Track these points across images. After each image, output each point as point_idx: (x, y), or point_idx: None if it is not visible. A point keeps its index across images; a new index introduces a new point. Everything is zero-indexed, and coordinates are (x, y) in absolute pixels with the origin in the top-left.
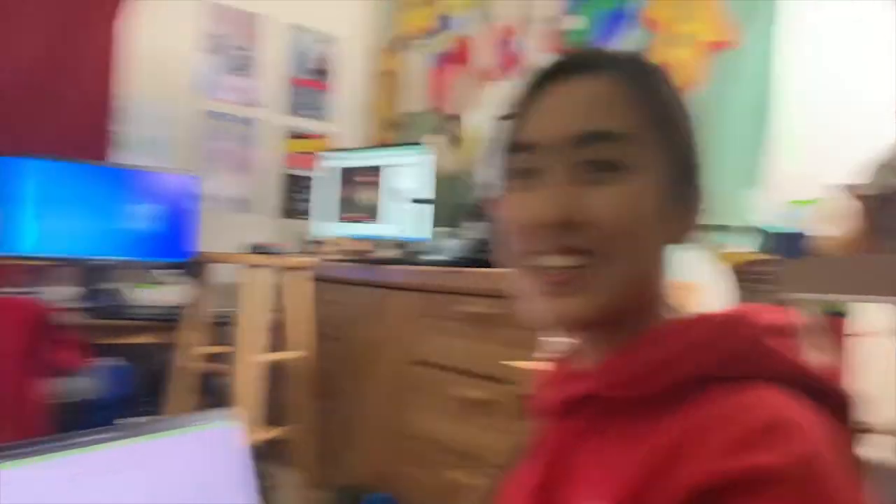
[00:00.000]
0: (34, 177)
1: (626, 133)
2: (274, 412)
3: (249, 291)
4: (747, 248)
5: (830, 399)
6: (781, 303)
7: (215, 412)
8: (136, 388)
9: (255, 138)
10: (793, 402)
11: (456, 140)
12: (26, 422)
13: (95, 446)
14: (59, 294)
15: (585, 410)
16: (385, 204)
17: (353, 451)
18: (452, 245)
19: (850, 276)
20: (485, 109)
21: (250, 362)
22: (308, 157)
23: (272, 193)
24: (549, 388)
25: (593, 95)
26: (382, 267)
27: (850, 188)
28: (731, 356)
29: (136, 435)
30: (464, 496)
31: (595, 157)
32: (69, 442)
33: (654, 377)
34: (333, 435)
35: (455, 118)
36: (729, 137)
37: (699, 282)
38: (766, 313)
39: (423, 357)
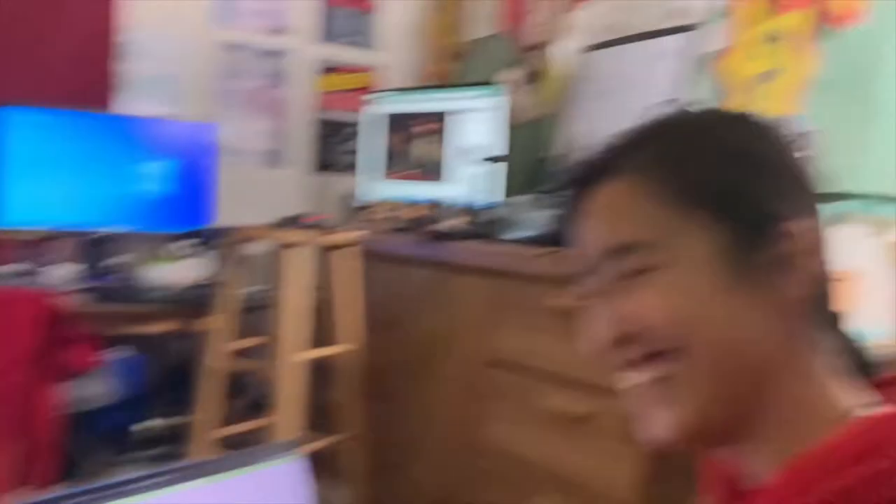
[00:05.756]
0: (20, 130)
1: (649, 238)
2: (319, 417)
3: (288, 274)
4: None
5: None
6: None
7: (278, 445)
8: (153, 386)
9: (283, 74)
10: None
11: (536, 77)
12: (38, 435)
13: (151, 492)
14: (57, 274)
15: None
16: (446, 159)
17: (415, 465)
18: (535, 217)
19: None
20: (575, 38)
21: (293, 360)
22: (348, 96)
23: (305, 143)
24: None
25: (611, 205)
26: (447, 242)
27: None
28: None
29: (194, 477)
30: None
31: (628, 267)
32: (122, 489)
33: None
34: (391, 446)
35: (535, 49)
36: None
37: (859, 270)
38: None
39: (501, 356)
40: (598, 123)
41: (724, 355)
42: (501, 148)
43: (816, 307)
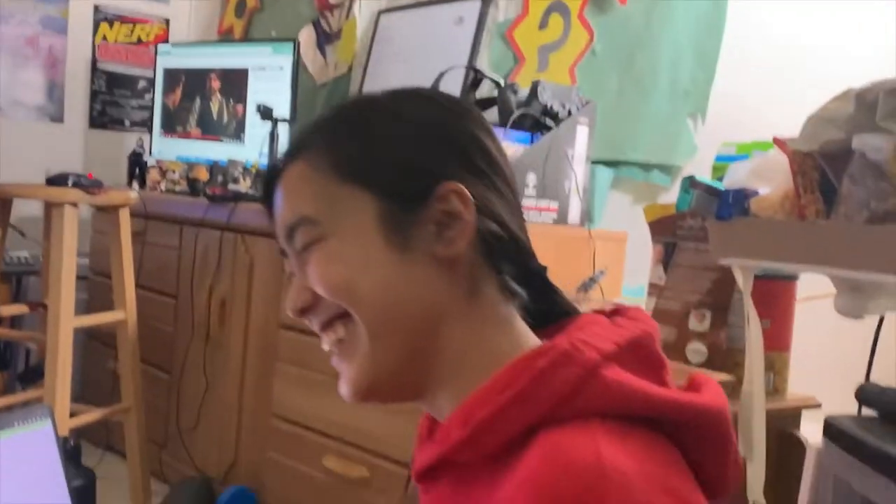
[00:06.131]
0: None
1: (312, 214)
2: (95, 388)
3: (56, 236)
4: (671, 198)
5: (687, 419)
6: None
7: (26, 410)
8: None
9: (56, 22)
10: (609, 448)
11: (335, 37)
12: None
13: None
14: None
15: (446, 475)
16: (236, 118)
17: (202, 434)
18: None
19: (784, 242)
20: None
21: (63, 328)
22: (130, 48)
23: (80, 97)
24: (417, 452)
25: (288, 186)
26: (234, 204)
27: (782, 142)
28: (555, 404)
29: None
30: (341, 489)
31: (302, 242)
32: None
33: (484, 437)
34: (178, 415)
35: (335, 7)
36: (671, 53)
37: (622, 232)
38: (616, 329)
39: (291, 319)
40: (397, 84)
41: (385, 314)
42: (291, 108)
43: (495, 259)
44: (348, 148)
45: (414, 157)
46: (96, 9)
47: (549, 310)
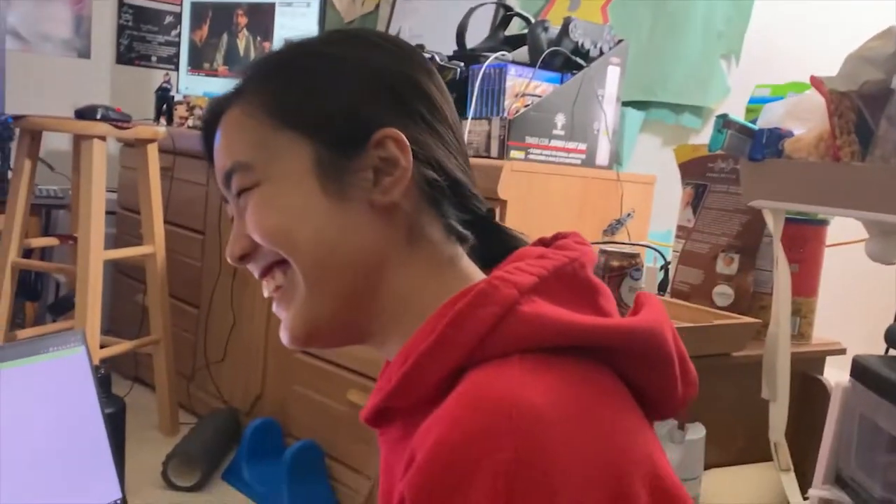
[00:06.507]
0: None
1: (246, 160)
2: (123, 322)
3: (84, 168)
4: (701, 139)
5: (617, 343)
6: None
7: (61, 336)
8: None
9: None
10: (523, 383)
11: None
12: None
13: None
14: None
15: (398, 419)
16: (257, 55)
17: (229, 367)
18: None
19: (818, 185)
20: None
21: (92, 260)
22: None
23: (107, 32)
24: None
25: (224, 133)
26: None
27: (820, 81)
28: (475, 344)
29: None
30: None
31: (238, 187)
32: None
33: (413, 383)
34: (205, 349)
35: None
36: None
37: (650, 175)
38: (540, 261)
39: None
40: (425, 21)
41: (321, 262)
42: None
43: (436, 204)
44: (283, 93)
45: (350, 103)
46: None
47: (500, 249)
